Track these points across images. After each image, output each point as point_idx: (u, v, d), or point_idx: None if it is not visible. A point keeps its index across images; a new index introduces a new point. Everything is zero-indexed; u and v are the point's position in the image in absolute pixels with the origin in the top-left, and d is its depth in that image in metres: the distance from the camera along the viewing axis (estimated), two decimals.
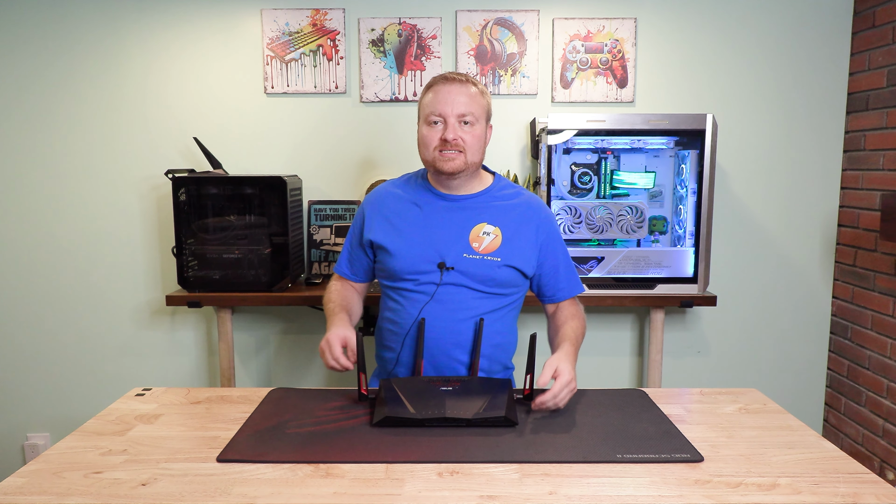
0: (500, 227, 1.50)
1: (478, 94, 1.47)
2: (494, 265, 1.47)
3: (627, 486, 1.03)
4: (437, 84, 1.47)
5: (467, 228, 1.49)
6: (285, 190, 2.10)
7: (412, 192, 1.56)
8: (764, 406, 1.39)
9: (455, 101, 1.44)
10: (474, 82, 1.49)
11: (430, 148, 1.46)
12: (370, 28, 2.29)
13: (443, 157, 1.45)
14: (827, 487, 1.03)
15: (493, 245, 1.48)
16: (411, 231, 1.51)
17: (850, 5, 2.29)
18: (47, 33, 2.27)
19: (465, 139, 1.44)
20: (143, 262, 2.40)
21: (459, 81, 1.46)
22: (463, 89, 1.45)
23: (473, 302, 1.48)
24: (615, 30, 2.29)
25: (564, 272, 1.57)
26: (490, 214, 1.51)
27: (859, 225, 2.29)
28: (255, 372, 2.48)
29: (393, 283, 1.53)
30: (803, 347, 2.47)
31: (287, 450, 1.14)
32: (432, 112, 1.45)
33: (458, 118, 1.44)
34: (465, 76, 1.49)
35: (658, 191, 2.22)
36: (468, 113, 1.44)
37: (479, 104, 1.47)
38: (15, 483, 1.04)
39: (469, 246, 1.48)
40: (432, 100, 1.46)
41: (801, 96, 2.34)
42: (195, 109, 2.33)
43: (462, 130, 1.45)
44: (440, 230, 1.49)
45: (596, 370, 2.48)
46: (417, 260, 1.48)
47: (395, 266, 1.50)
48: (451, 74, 1.48)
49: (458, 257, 1.47)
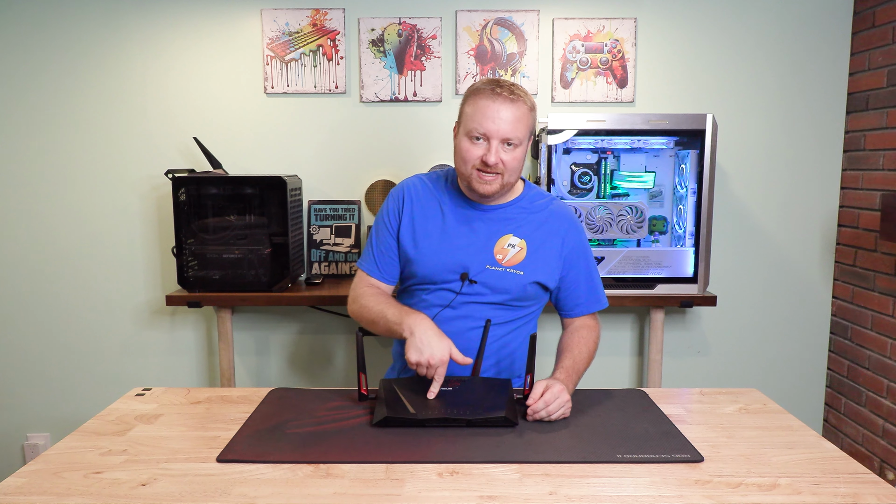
0: (525, 239, 1.45)
1: (527, 112, 1.37)
2: (517, 278, 1.43)
3: (627, 486, 1.03)
4: (485, 97, 1.35)
5: (493, 240, 1.44)
6: (285, 190, 2.10)
7: (439, 193, 1.49)
8: (764, 406, 1.39)
9: (502, 121, 1.33)
10: (524, 97, 1.37)
11: (468, 164, 1.38)
12: (370, 28, 2.29)
13: (480, 179, 1.38)
14: (827, 487, 1.03)
15: (517, 258, 1.43)
16: (436, 238, 1.45)
17: (850, 5, 2.29)
18: (47, 33, 2.27)
19: (506, 161, 1.36)
20: (143, 262, 2.40)
21: (510, 99, 1.34)
22: (512, 109, 1.34)
23: (491, 312, 1.44)
24: (615, 30, 2.29)
25: (586, 286, 1.51)
26: (517, 226, 1.45)
27: (859, 225, 2.29)
28: (255, 372, 2.48)
29: (415, 288, 1.50)
30: (803, 347, 2.47)
31: (287, 450, 1.14)
32: (476, 129, 1.35)
33: (503, 140, 1.35)
34: (516, 90, 1.36)
35: (658, 191, 2.22)
36: (514, 137, 1.35)
37: (525, 125, 1.37)
38: (15, 483, 1.04)
39: (493, 258, 1.43)
40: (478, 114, 1.35)
41: (801, 96, 2.34)
42: (195, 109, 2.33)
43: (504, 153, 1.36)
44: (465, 239, 1.44)
45: (596, 370, 2.46)
46: (440, 269, 1.43)
47: (417, 272, 1.46)
48: (502, 89, 1.35)
49: (480, 269, 1.42)
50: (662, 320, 2.26)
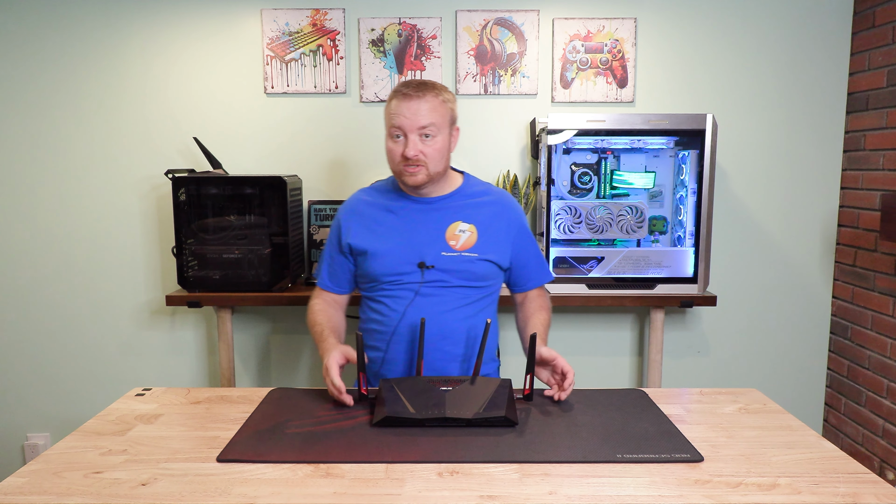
0: (474, 224, 1.55)
1: (438, 103, 1.46)
2: (472, 260, 1.52)
3: (627, 486, 1.03)
4: (397, 97, 1.46)
5: (443, 228, 1.54)
6: (285, 190, 2.10)
7: (385, 198, 1.59)
8: (764, 406, 1.39)
9: (413, 116, 1.44)
10: (434, 90, 1.47)
11: (394, 161, 1.49)
12: (370, 28, 2.29)
13: (406, 172, 1.48)
14: (827, 487, 1.03)
15: (469, 242, 1.53)
16: (389, 234, 1.54)
17: (850, 5, 2.29)
18: (47, 33, 2.27)
19: (426, 153, 1.46)
20: (143, 262, 2.40)
21: (417, 96, 1.44)
22: (420, 102, 1.44)
23: (455, 296, 1.53)
24: (615, 30, 2.29)
25: (535, 262, 1.63)
26: (464, 213, 1.55)
27: (859, 225, 2.29)
28: (255, 372, 2.48)
29: (375, 287, 1.56)
30: (803, 347, 2.47)
31: (287, 450, 1.14)
32: (393, 126, 1.46)
33: (419, 132, 1.45)
34: (425, 87, 1.46)
35: (658, 191, 2.22)
36: (428, 125, 1.45)
37: (439, 114, 1.46)
38: (15, 483, 1.04)
39: (446, 244, 1.52)
40: (391, 114, 1.46)
41: (801, 96, 2.34)
42: (195, 109, 2.33)
43: (423, 144, 1.45)
44: (417, 231, 1.53)
45: (596, 370, 2.48)
46: (398, 261, 1.52)
47: (376, 269, 1.53)
48: (409, 88, 1.46)
49: (436, 256, 1.51)
50: (662, 320, 2.26)
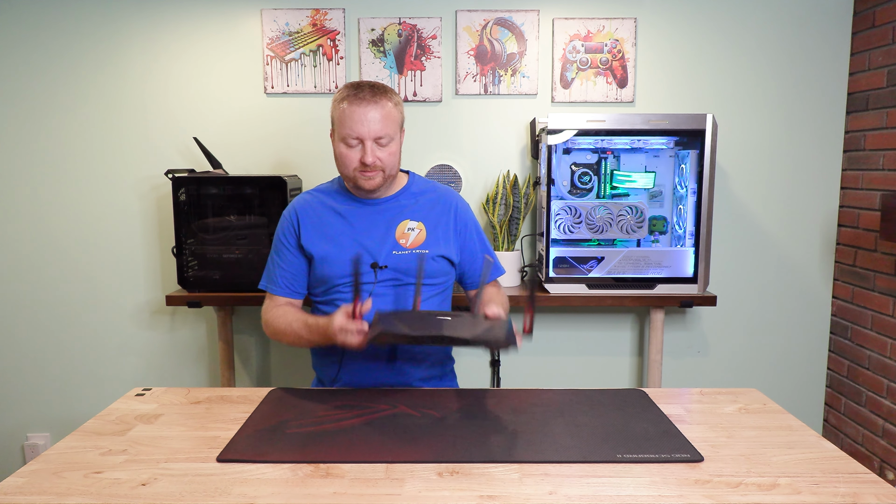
0: (422, 221, 1.56)
1: (392, 109, 1.47)
2: (424, 257, 1.53)
3: (627, 486, 1.03)
4: (351, 102, 1.44)
5: (392, 227, 1.54)
6: (285, 190, 2.10)
7: (331, 200, 1.59)
8: (764, 406, 1.39)
9: (370, 123, 1.44)
10: (387, 95, 1.47)
11: (349, 168, 1.49)
12: (370, 28, 2.29)
13: (363, 177, 1.48)
14: (827, 487, 1.03)
15: (419, 239, 1.54)
16: (340, 237, 1.54)
17: (850, 5, 2.29)
18: (47, 34, 2.27)
19: (383, 158, 1.47)
20: (143, 262, 2.40)
21: (374, 102, 1.44)
22: (378, 110, 1.44)
23: (409, 293, 1.53)
24: (615, 30, 2.29)
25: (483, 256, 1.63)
26: (411, 211, 1.56)
27: (859, 225, 2.29)
28: (255, 372, 2.48)
29: (328, 291, 1.55)
30: (803, 347, 2.47)
31: (287, 450, 1.14)
32: (349, 134, 1.45)
33: (375, 140, 1.45)
34: (376, 91, 1.46)
35: (658, 191, 2.22)
36: (384, 135, 1.46)
37: (393, 120, 1.48)
38: (15, 483, 1.04)
39: (397, 243, 1.53)
40: (347, 119, 1.45)
41: (801, 96, 2.34)
42: (195, 109, 2.33)
43: (379, 151, 1.47)
44: (367, 232, 1.54)
45: (596, 370, 2.48)
46: (350, 263, 1.50)
47: (328, 272, 1.52)
48: (362, 92, 1.45)
49: (388, 255, 1.52)
50: (662, 320, 2.26)
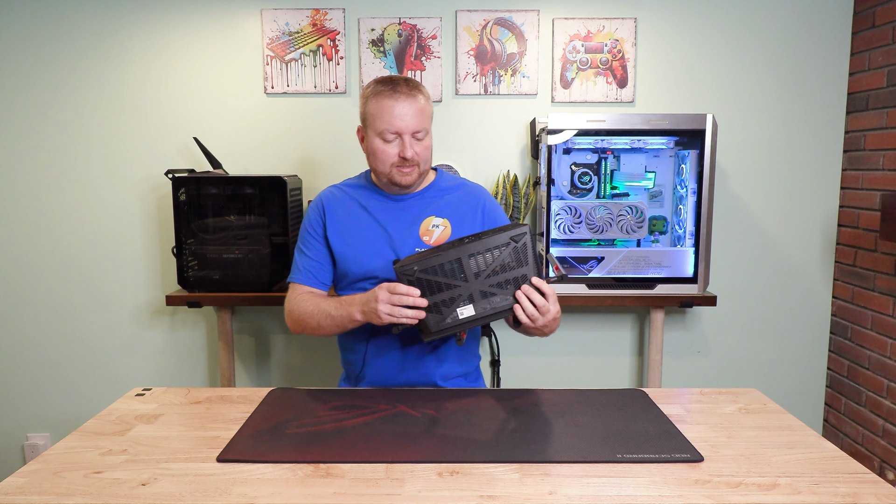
0: (447, 218, 1.54)
1: (425, 103, 1.47)
2: None
3: (627, 486, 1.03)
4: (386, 97, 1.44)
5: (417, 223, 1.53)
6: (285, 190, 2.10)
7: (358, 195, 1.58)
8: (764, 406, 1.39)
9: (408, 117, 1.44)
10: (420, 89, 1.48)
11: (386, 164, 1.48)
12: (370, 28, 2.28)
13: (401, 173, 1.48)
14: (827, 487, 1.03)
15: (443, 236, 1.53)
16: (364, 232, 1.54)
17: (850, 5, 2.29)
18: (47, 33, 2.27)
19: (420, 153, 1.47)
20: (143, 262, 2.40)
21: (411, 96, 1.44)
22: (414, 104, 1.44)
23: None
24: (615, 30, 2.29)
25: None
26: (437, 208, 1.55)
27: (859, 225, 2.29)
28: (255, 372, 2.48)
29: (350, 286, 1.55)
30: (803, 347, 2.47)
31: (287, 450, 1.14)
32: (387, 129, 1.44)
33: (413, 134, 1.46)
34: (412, 85, 1.47)
35: (658, 191, 2.22)
36: (421, 129, 1.46)
37: (427, 114, 1.48)
38: (15, 483, 1.04)
39: (420, 240, 1.52)
40: (385, 114, 1.44)
41: (801, 96, 2.34)
42: (195, 109, 2.33)
43: (416, 145, 1.47)
44: (391, 228, 1.53)
45: (596, 370, 2.48)
46: (372, 259, 1.51)
47: (351, 268, 1.53)
48: (399, 86, 1.45)
49: (410, 252, 1.50)
50: (662, 320, 2.26)
